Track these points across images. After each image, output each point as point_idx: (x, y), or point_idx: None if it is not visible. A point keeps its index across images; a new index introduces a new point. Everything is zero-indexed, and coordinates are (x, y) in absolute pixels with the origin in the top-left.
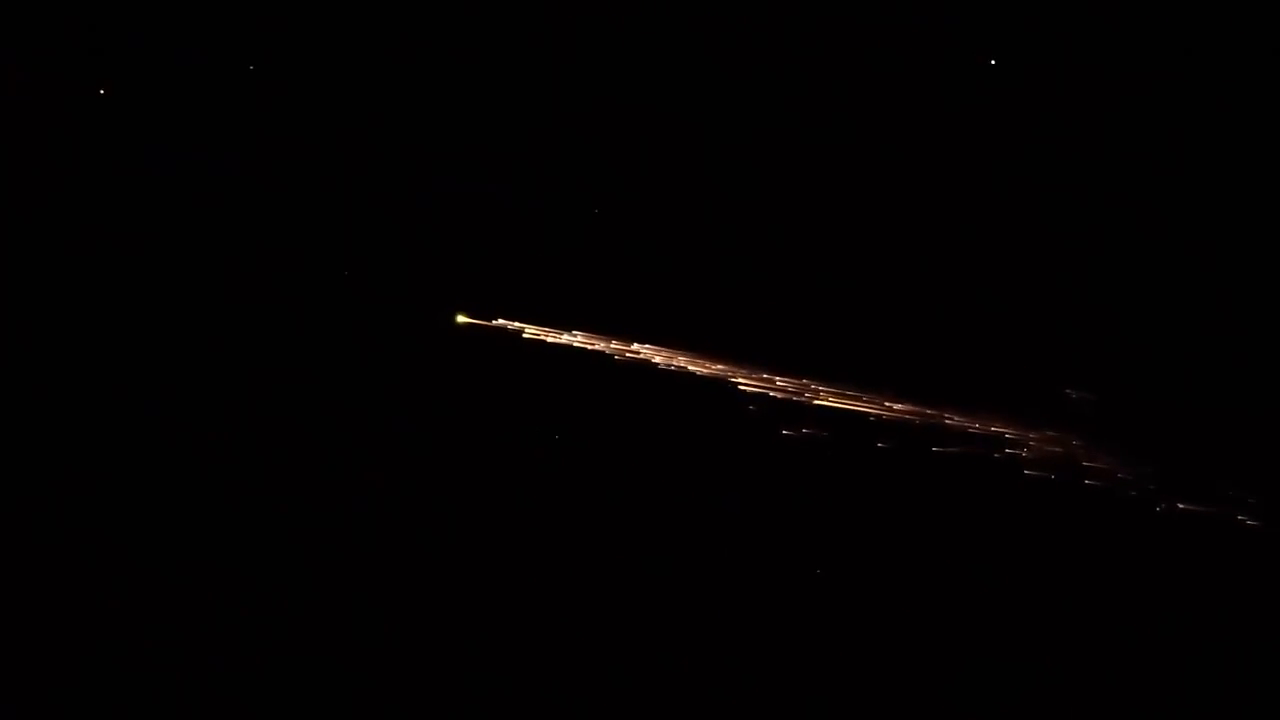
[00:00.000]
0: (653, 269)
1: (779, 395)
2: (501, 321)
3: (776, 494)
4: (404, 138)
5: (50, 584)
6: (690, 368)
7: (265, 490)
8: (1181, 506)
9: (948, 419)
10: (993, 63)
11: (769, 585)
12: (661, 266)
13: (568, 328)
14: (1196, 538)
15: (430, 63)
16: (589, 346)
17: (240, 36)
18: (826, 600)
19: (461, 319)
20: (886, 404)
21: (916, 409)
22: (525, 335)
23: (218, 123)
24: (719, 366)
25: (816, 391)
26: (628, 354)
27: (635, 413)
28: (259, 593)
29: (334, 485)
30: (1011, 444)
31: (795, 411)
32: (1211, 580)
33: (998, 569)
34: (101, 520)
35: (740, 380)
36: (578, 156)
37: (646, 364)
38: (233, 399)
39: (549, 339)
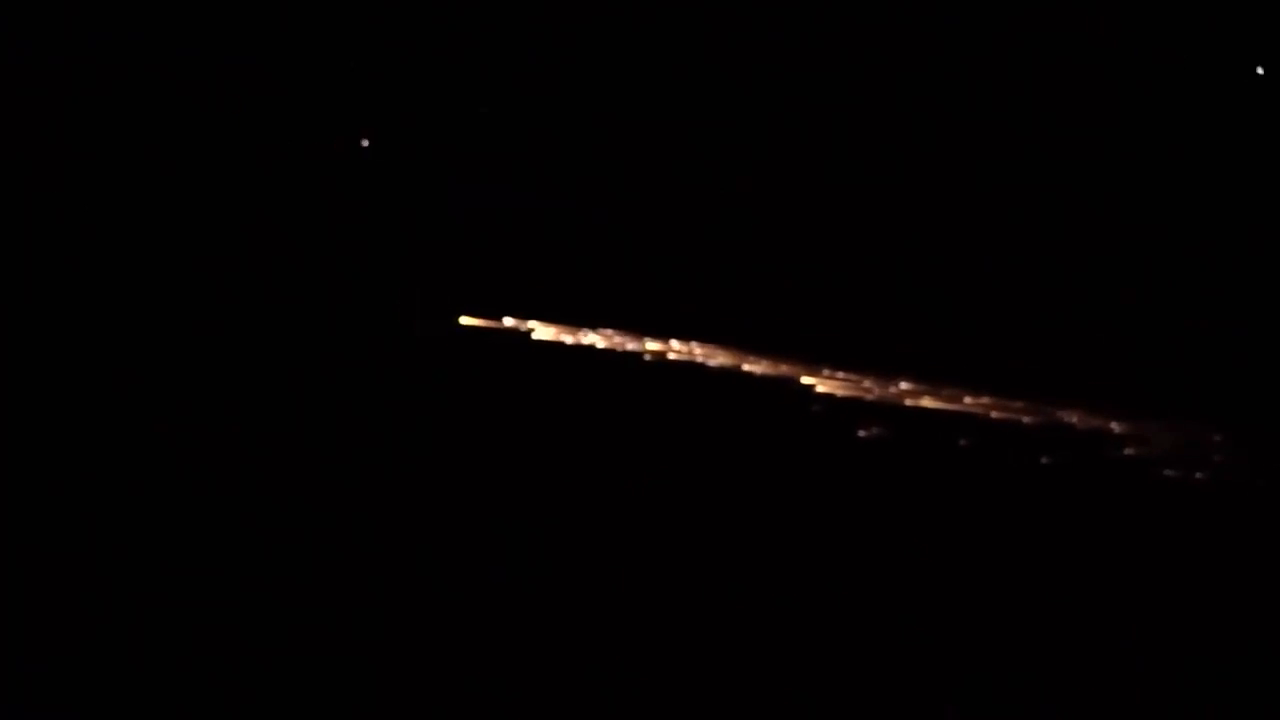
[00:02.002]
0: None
1: (863, 396)
2: (512, 322)
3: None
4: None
5: (35, 584)
6: (745, 367)
7: (254, 512)
8: None
9: (1061, 414)
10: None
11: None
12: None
13: (591, 324)
14: None
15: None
16: (618, 348)
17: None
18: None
19: (465, 321)
20: (984, 399)
21: (1026, 404)
22: (535, 337)
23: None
24: (783, 366)
25: (905, 390)
26: (669, 354)
27: (684, 432)
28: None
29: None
30: (1132, 440)
31: (881, 414)
32: None
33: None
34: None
35: (812, 380)
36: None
37: (693, 365)
38: (209, 408)
39: (568, 340)
